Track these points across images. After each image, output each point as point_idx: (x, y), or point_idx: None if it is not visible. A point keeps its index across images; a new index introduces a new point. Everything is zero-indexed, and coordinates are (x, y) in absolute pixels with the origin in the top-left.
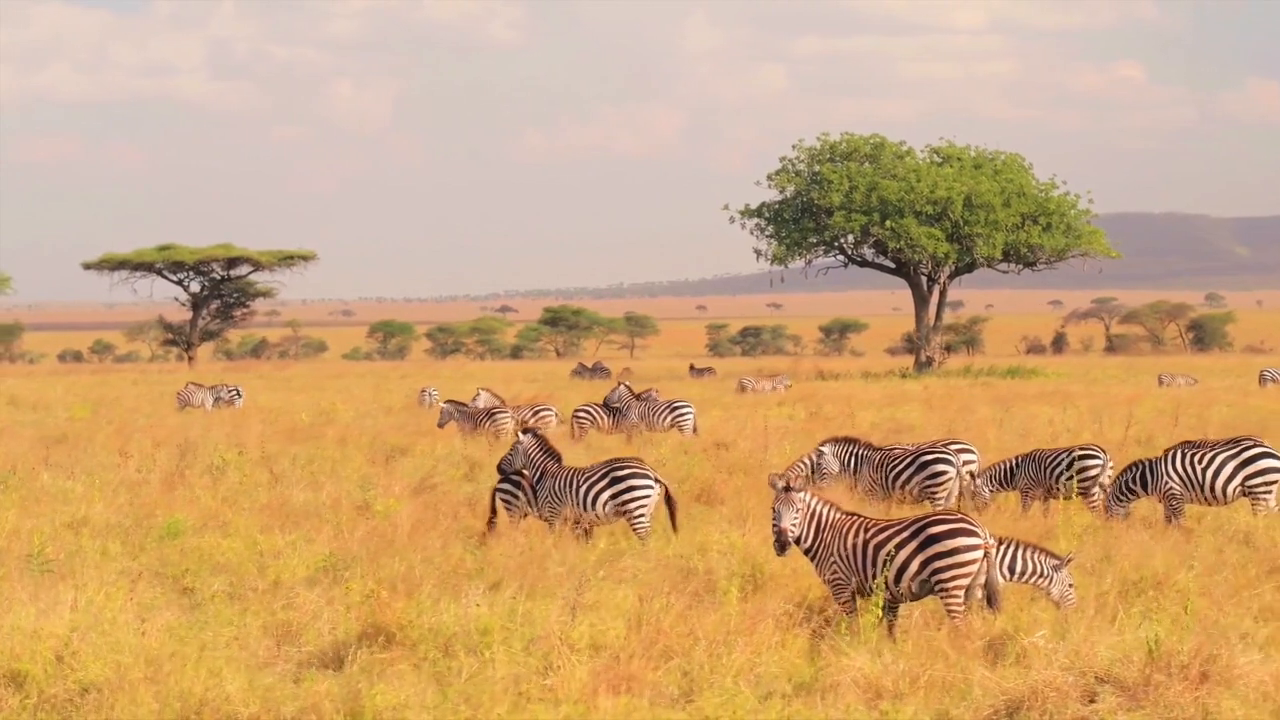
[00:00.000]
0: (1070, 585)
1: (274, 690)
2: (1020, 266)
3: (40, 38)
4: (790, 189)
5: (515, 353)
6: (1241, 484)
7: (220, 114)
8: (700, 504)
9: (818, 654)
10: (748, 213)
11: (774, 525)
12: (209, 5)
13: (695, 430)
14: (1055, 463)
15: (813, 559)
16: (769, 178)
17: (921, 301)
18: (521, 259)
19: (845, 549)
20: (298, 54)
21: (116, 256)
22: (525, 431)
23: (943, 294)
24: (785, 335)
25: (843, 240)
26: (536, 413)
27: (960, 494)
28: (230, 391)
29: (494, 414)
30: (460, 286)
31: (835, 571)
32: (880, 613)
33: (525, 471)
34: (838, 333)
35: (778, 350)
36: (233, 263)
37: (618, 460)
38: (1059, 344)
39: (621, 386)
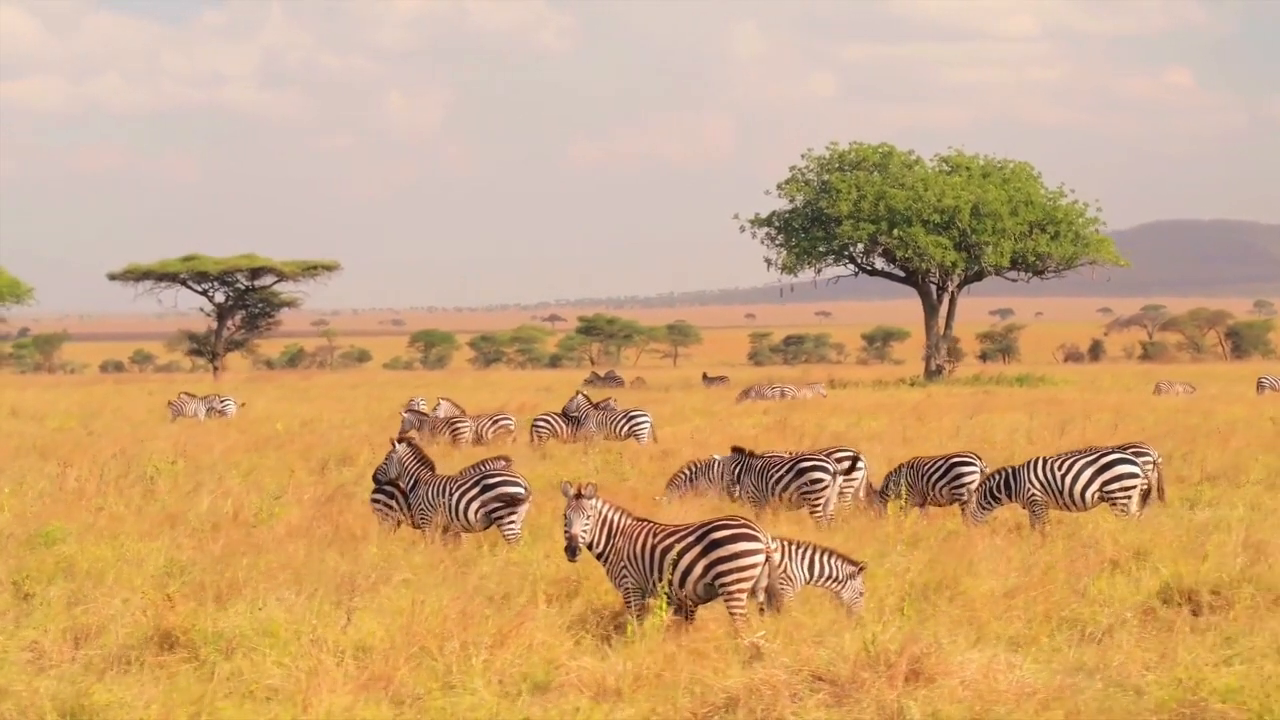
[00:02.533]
0: (860, 592)
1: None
2: (1029, 275)
3: (91, 48)
4: (800, 198)
5: (554, 362)
6: (1099, 490)
7: (271, 123)
8: None
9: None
10: (758, 222)
11: (565, 531)
12: (259, 16)
13: (655, 439)
14: (932, 470)
15: (604, 563)
16: (778, 187)
17: (930, 310)
18: (571, 268)
19: (634, 553)
20: (348, 63)
21: (141, 267)
22: (400, 440)
23: (952, 302)
24: (828, 344)
25: (852, 249)
26: (495, 422)
27: (835, 502)
28: (223, 402)
29: (453, 423)
30: (510, 295)
31: (625, 575)
32: (665, 615)
33: (400, 480)
34: (880, 340)
35: (820, 358)
36: (256, 273)
37: (490, 468)
38: (1096, 352)
39: (579, 396)
